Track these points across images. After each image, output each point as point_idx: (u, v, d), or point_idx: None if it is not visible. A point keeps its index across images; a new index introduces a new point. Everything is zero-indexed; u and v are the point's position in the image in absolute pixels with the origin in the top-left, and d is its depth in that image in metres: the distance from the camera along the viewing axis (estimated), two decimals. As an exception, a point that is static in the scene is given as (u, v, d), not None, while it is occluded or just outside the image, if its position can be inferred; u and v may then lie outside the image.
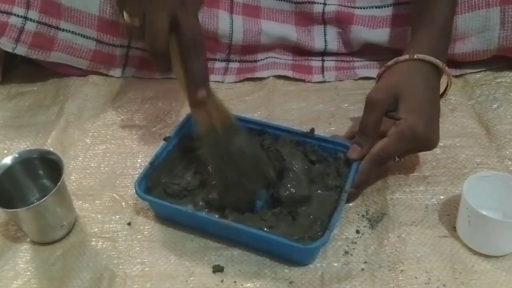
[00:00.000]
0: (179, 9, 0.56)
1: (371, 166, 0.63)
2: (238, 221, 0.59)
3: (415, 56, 0.66)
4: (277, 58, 0.90)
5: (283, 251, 0.58)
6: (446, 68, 0.67)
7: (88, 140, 0.77)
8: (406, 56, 0.66)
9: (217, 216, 0.61)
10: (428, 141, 0.64)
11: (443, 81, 0.69)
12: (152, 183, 0.64)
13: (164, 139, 0.69)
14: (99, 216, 0.65)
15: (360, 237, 0.61)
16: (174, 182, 0.66)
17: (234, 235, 0.60)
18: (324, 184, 0.65)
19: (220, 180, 0.63)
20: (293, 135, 0.68)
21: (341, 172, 0.65)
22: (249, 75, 0.87)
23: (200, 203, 0.64)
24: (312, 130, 0.69)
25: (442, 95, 0.70)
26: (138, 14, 0.58)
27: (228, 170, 0.62)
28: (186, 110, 0.81)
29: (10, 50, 0.80)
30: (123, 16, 0.59)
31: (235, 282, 0.57)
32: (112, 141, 0.77)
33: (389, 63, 0.68)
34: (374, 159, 0.63)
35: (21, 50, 0.81)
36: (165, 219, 0.64)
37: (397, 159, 0.67)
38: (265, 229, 0.59)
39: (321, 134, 0.69)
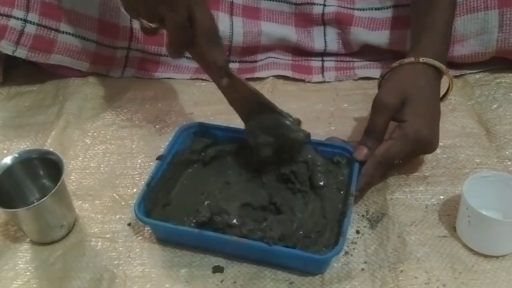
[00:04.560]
0: (193, 5, 0.60)
1: (376, 169, 0.63)
2: (249, 236, 0.57)
3: (420, 60, 0.66)
4: (277, 58, 0.90)
5: (298, 263, 0.57)
6: (449, 72, 0.67)
7: (87, 140, 0.77)
8: (411, 59, 0.66)
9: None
10: (430, 144, 0.64)
11: (443, 84, 0.69)
12: (151, 205, 0.62)
13: (157, 158, 0.66)
14: (99, 216, 0.65)
15: (360, 237, 0.61)
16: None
17: (245, 252, 0.58)
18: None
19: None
20: None
21: (343, 174, 0.65)
22: (249, 75, 0.87)
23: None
24: (308, 135, 0.66)
25: (442, 99, 0.70)
26: (156, 17, 0.61)
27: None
28: (186, 110, 0.82)
29: (10, 53, 0.80)
30: (139, 21, 0.63)
31: (234, 282, 0.57)
32: (112, 141, 0.77)
33: (393, 64, 0.68)
34: (379, 161, 0.63)
35: (21, 52, 0.80)
36: (169, 241, 0.62)
37: (398, 161, 0.66)
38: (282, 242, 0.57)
39: (316, 138, 0.67)
